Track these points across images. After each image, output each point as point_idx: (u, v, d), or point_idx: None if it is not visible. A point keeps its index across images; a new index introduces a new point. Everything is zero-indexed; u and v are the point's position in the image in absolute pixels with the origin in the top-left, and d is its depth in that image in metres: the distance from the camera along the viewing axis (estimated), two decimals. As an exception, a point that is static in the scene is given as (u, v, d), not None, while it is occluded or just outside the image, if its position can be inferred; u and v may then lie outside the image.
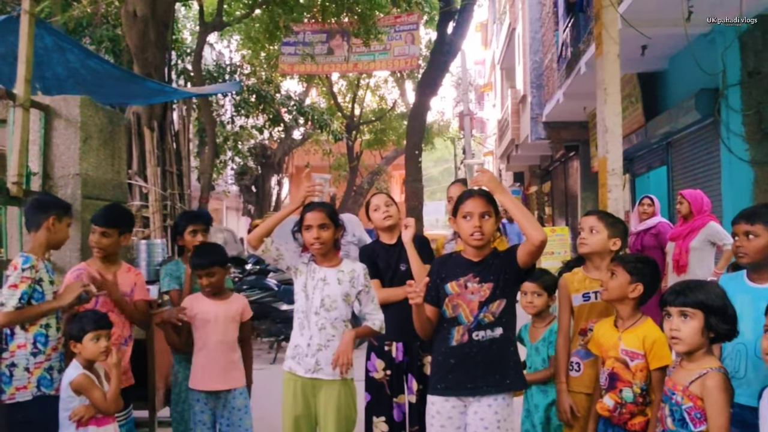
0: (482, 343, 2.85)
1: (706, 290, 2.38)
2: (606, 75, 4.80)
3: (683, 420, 2.32)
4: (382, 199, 3.95)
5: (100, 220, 3.57)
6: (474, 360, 2.84)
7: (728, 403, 2.25)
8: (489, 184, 2.85)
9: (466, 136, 19.69)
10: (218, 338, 3.66)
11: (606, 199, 4.90)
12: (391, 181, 31.62)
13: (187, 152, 10.92)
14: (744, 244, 2.68)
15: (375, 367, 3.80)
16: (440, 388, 2.92)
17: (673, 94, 10.30)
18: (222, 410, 3.68)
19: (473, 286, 2.88)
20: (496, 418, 2.83)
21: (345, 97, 24.45)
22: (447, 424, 2.88)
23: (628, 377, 2.80)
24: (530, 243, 2.77)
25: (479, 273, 2.89)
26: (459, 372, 2.86)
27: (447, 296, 2.91)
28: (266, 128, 19.49)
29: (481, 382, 2.84)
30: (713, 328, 2.32)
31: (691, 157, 9.91)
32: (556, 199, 20.12)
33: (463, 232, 2.91)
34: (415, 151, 11.03)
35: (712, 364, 2.32)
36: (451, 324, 2.90)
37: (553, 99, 14.33)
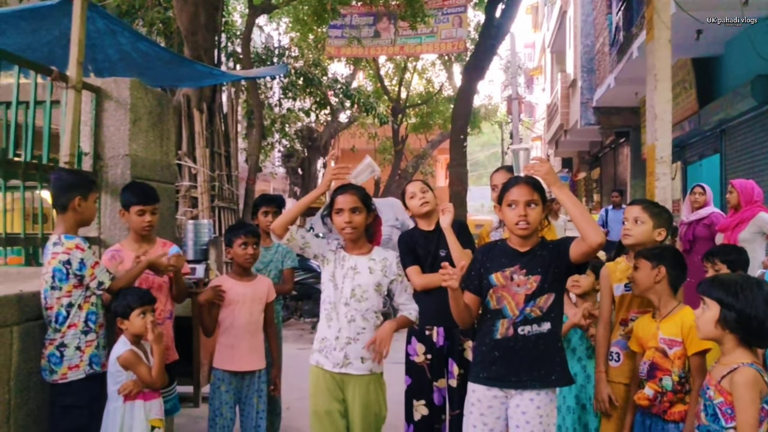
0: (528, 338, 2.77)
1: (731, 287, 2.31)
2: (657, 60, 4.66)
3: (715, 415, 2.29)
4: (417, 186, 3.91)
5: (146, 198, 3.58)
6: (519, 354, 2.77)
7: (756, 400, 2.20)
8: (546, 177, 2.71)
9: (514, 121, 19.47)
10: (245, 319, 3.72)
11: (653, 188, 4.79)
12: (436, 165, 31.45)
13: (235, 134, 11.07)
14: None
15: (416, 351, 3.78)
16: (482, 378, 2.86)
17: (728, 80, 9.98)
18: (246, 391, 3.73)
19: (519, 279, 2.79)
20: (539, 413, 2.76)
21: (392, 80, 24.36)
22: (487, 412, 2.83)
23: (667, 366, 2.81)
24: (587, 244, 2.65)
25: (526, 265, 2.80)
26: (502, 365, 2.80)
27: (491, 287, 2.83)
28: (313, 111, 19.59)
29: (525, 376, 2.77)
30: (728, 325, 2.28)
31: (745, 145, 9.60)
32: (605, 186, 19.76)
33: (508, 221, 2.84)
34: (460, 136, 10.93)
35: (745, 359, 2.27)
36: (496, 316, 2.82)
37: (604, 84, 14.05)
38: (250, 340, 3.74)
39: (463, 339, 3.76)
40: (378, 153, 26.19)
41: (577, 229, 2.66)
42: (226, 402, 3.69)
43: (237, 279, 3.79)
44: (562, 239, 2.87)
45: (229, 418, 3.69)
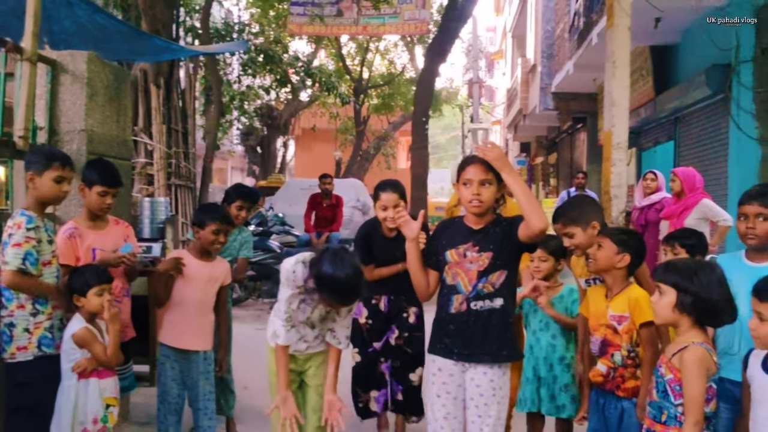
0: (480, 313, 2.84)
1: (686, 272, 2.38)
2: (615, 47, 4.74)
3: (666, 392, 2.37)
4: (391, 201, 3.89)
5: (111, 181, 3.47)
6: (471, 329, 2.85)
7: (702, 376, 2.27)
8: (496, 161, 2.76)
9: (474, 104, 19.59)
10: (197, 298, 3.66)
11: (609, 174, 4.90)
12: (398, 147, 31.47)
13: (192, 111, 10.89)
14: (756, 226, 2.64)
15: (360, 312, 4.06)
16: (438, 349, 2.95)
17: (684, 68, 10.19)
18: (191, 371, 3.69)
19: (472, 255, 2.86)
20: (492, 386, 2.86)
21: (354, 60, 24.23)
22: (448, 381, 2.92)
23: (617, 341, 2.91)
24: (530, 228, 2.72)
25: (479, 242, 2.87)
26: (457, 339, 2.89)
27: (447, 264, 2.91)
28: (273, 89, 19.38)
29: (477, 350, 2.86)
30: (685, 308, 2.34)
31: (699, 133, 9.84)
32: (562, 170, 20.06)
33: (463, 199, 2.90)
34: (422, 118, 10.95)
35: (696, 339, 2.34)
36: (451, 291, 2.89)
37: (563, 69, 14.19)
38: (199, 320, 3.69)
39: (408, 306, 4.10)
40: (339, 133, 26.09)
41: (523, 214, 2.72)
42: (172, 378, 3.66)
43: (196, 257, 3.75)
44: (515, 217, 2.92)
45: (176, 394, 3.68)
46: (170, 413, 3.68)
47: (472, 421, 2.89)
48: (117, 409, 3.25)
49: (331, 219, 9.60)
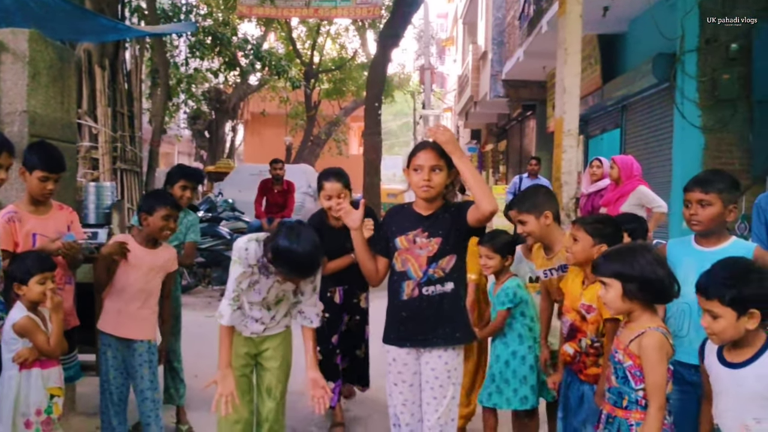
0: (432, 298, 2.87)
1: (623, 259, 2.42)
2: (567, 35, 4.80)
3: (626, 378, 2.41)
4: (335, 190, 3.93)
5: (53, 166, 3.32)
6: (424, 314, 2.88)
7: (663, 361, 2.33)
8: (446, 144, 2.76)
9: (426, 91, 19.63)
10: (139, 286, 3.55)
11: (560, 160, 4.97)
12: (350, 132, 31.35)
13: (139, 93, 10.60)
14: (698, 212, 2.71)
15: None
16: (393, 338, 2.98)
17: (631, 57, 10.40)
18: (132, 360, 3.59)
19: (422, 241, 2.88)
20: (446, 368, 2.90)
21: (304, 44, 23.96)
22: (404, 370, 2.96)
23: (585, 329, 2.96)
24: (480, 212, 2.75)
25: (428, 227, 2.89)
26: (410, 325, 2.91)
27: (396, 250, 2.93)
28: (221, 72, 19.02)
29: (431, 334, 2.89)
30: (633, 295, 2.38)
31: (644, 120, 10.07)
32: (511, 157, 20.31)
33: (413, 185, 2.91)
34: (374, 104, 10.91)
35: (651, 324, 2.39)
36: (402, 278, 2.91)
37: (513, 57, 14.32)
38: (140, 309, 3.58)
39: (360, 292, 4.26)
40: (290, 118, 25.82)
41: (473, 197, 2.76)
42: (114, 367, 3.56)
43: (141, 244, 3.63)
44: (463, 203, 2.96)
45: (120, 383, 3.58)
46: (112, 403, 3.58)
47: (427, 402, 2.92)
48: (62, 399, 3.15)
49: (282, 205, 9.49)
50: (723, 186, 2.69)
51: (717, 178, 2.74)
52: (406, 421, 2.98)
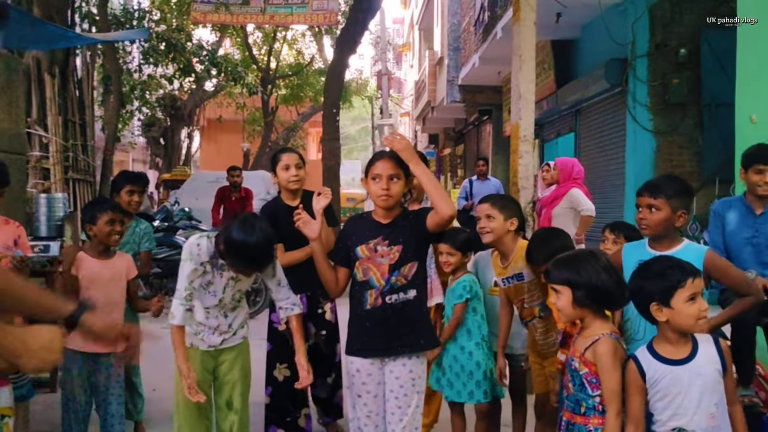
0: (395, 306, 2.87)
1: (571, 267, 2.45)
2: (522, 42, 4.86)
3: (582, 385, 2.43)
4: (293, 159, 3.92)
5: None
6: (389, 323, 2.87)
7: (618, 367, 2.35)
8: (403, 152, 2.78)
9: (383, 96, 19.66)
10: (103, 299, 3.45)
11: (517, 165, 5.03)
12: (308, 138, 31.22)
13: (91, 101, 10.37)
14: (646, 216, 2.77)
15: (279, 319, 3.90)
16: (357, 349, 2.96)
17: (584, 62, 10.60)
18: (99, 374, 3.52)
19: (383, 249, 2.89)
20: (411, 376, 2.90)
21: (260, 50, 23.79)
22: (368, 380, 2.93)
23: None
24: (439, 216, 2.78)
25: (388, 236, 2.90)
26: (374, 334, 2.90)
27: (358, 260, 2.92)
28: (176, 78, 18.75)
29: (396, 343, 2.89)
30: (583, 302, 2.41)
31: (598, 124, 10.27)
32: (469, 161, 20.48)
33: (372, 194, 2.92)
34: (332, 110, 10.89)
35: (604, 330, 2.41)
36: (364, 287, 2.90)
37: (469, 62, 14.47)
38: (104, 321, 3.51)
39: (323, 302, 4.03)
40: (247, 124, 25.60)
41: (431, 203, 2.80)
42: (79, 384, 3.47)
43: (95, 257, 3.54)
44: (421, 209, 3.00)
45: (83, 401, 3.49)
46: (76, 422, 3.49)
47: (392, 413, 2.91)
48: (12, 419, 3.03)
49: (241, 212, 9.37)
50: (671, 192, 2.74)
51: (666, 183, 2.80)
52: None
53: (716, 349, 2.28)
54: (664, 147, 8.49)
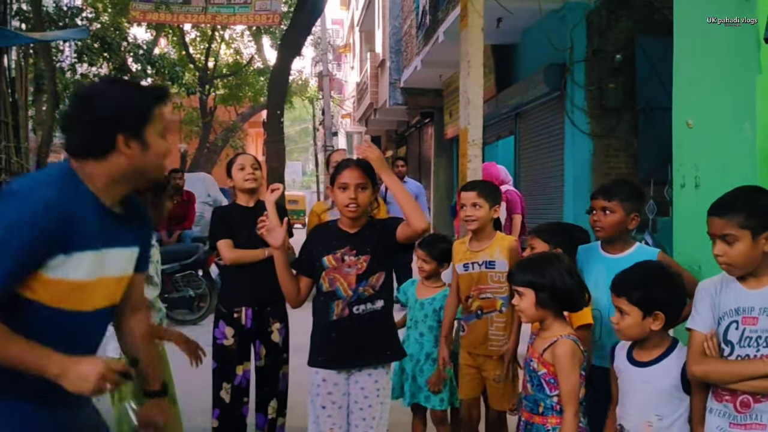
0: (363, 317, 2.85)
1: (535, 269, 2.51)
2: (470, 48, 4.94)
3: (541, 385, 2.50)
4: (249, 160, 3.86)
5: None
6: (356, 333, 2.85)
7: (576, 368, 2.43)
8: (375, 161, 2.78)
9: (325, 97, 19.61)
10: None
11: (466, 169, 5.12)
12: (248, 139, 30.77)
13: (24, 102, 10.01)
14: (601, 219, 2.84)
15: (224, 334, 3.74)
16: (322, 361, 2.91)
17: (523, 66, 10.85)
18: None
19: (350, 259, 2.85)
20: (376, 387, 2.89)
21: (198, 49, 23.37)
22: (334, 390, 2.90)
23: None
24: (412, 229, 2.77)
25: (356, 245, 2.87)
26: (341, 345, 2.86)
27: (324, 270, 2.87)
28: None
29: (363, 354, 2.87)
30: (545, 303, 2.48)
31: (537, 127, 10.53)
32: (411, 163, 20.61)
33: (338, 203, 2.88)
34: (276, 112, 10.81)
35: (563, 332, 2.49)
36: (330, 298, 2.86)
37: (411, 65, 14.59)
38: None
39: (272, 321, 3.79)
40: (184, 125, 25.09)
41: (404, 215, 2.77)
42: None
43: None
44: (390, 219, 3.01)
45: None
46: None
47: (356, 425, 2.89)
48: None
49: (183, 216, 9.18)
50: (625, 195, 2.84)
51: (620, 187, 2.89)
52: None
53: (682, 366, 2.28)
54: (601, 150, 8.79)
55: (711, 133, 4.72)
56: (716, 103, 4.67)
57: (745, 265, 2.11)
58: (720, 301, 2.18)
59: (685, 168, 5.03)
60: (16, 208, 1.69)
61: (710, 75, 4.69)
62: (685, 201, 5.06)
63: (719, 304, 2.18)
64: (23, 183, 1.79)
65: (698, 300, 2.25)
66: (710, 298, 2.21)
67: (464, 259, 3.44)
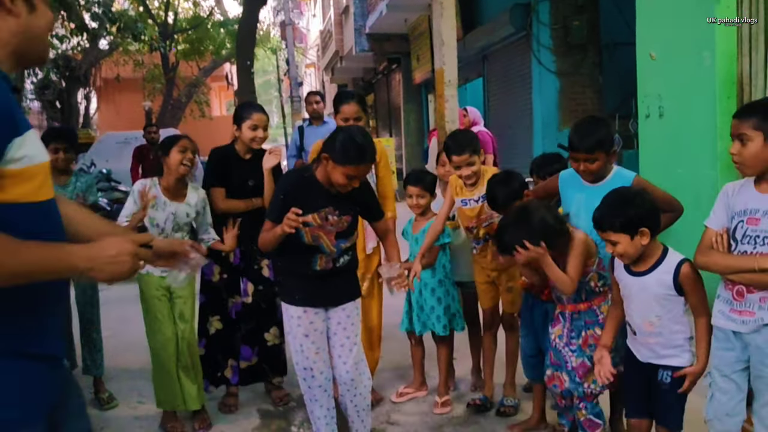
0: (342, 268, 3.12)
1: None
2: (441, -11, 5.09)
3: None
4: (263, 121, 3.88)
5: None
6: (336, 281, 3.13)
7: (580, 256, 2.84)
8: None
9: (289, 47, 19.42)
10: None
11: (443, 108, 5.31)
12: (211, 93, 30.39)
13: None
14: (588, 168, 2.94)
15: (212, 271, 3.92)
16: (300, 299, 3.12)
17: (489, 8, 10.93)
18: None
19: (333, 218, 3.02)
20: (350, 321, 3.20)
21: (155, 3, 22.84)
22: (315, 319, 3.13)
23: None
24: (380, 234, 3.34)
25: (338, 206, 3.02)
26: (322, 290, 3.12)
27: (307, 226, 2.97)
28: (71, 36, 17.80)
29: (340, 296, 3.17)
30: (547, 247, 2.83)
31: (505, 68, 10.69)
32: (380, 111, 20.67)
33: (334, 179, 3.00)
34: (246, 63, 10.80)
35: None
36: (313, 251, 3.01)
37: (376, 10, 14.48)
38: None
39: (260, 258, 3.96)
40: (146, 82, 24.68)
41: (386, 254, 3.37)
42: None
43: None
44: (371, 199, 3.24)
45: None
46: None
47: (341, 344, 3.17)
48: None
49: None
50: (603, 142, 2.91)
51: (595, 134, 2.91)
52: (320, 369, 3.13)
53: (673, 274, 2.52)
54: (568, 87, 9.02)
55: (673, 64, 5.00)
56: (677, 34, 4.94)
57: (754, 164, 2.31)
58: (734, 202, 2.44)
59: (650, 99, 5.34)
60: None
61: (672, 7, 4.93)
62: (650, 130, 5.39)
63: (733, 205, 2.44)
64: None
65: (717, 200, 2.52)
66: (726, 198, 2.47)
67: (461, 195, 3.67)
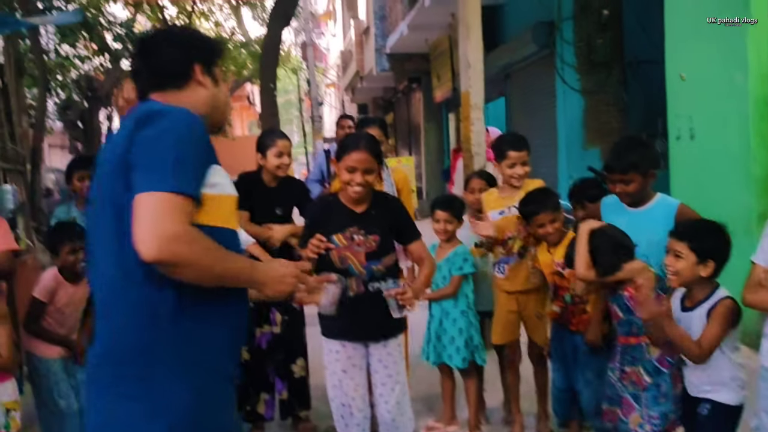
0: (376, 294, 2.98)
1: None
2: (468, 12, 5.05)
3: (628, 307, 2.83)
4: (287, 147, 3.90)
5: None
6: (371, 310, 2.98)
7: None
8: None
9: (309, 67, 19.53)
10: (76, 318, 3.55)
11: (469, 132, 5.25)
12: (232, 113, 30.62)
13: (14, 87, 9.95)
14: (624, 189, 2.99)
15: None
16: (338, 332, 3.07)
17: (511, 26, 10.87)
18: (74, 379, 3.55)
19: (359, 238, 2.98)
20: (392, 359, 3.09)
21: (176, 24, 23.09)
22: (353, 354, 3.08)
23: (565, 284, 3.31)
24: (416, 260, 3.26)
25: (363, 224, 3.00)
26: (358, 320, 3.00)
27: (334, 248, 2.98)
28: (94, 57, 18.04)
29: (377, 329, 3.04)
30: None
31: (528, 87, 10.59)
32: (400, 129, 20.68)
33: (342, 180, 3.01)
34: (269, 85, 10.85)
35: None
36: (343, 275, 2.92)
37: (396, 31, 14.51)
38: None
39: None
40: (168, 102, 24.88)
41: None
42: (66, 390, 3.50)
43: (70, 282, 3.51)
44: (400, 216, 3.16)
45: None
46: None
47: (383, 383, 3.08)
48: (19, 413, 3.09)
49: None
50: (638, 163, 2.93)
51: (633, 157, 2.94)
52: (359, 407, 3.07)
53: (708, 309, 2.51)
54: (592, 106, 8.88)
55: (704, 84, 4.91)
56: (708, 54, 4.85)
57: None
58: None
59: (681, 120, 5.24)
60: (179, 122, 1.67)
61: (701, 27, 4.85)
62: (681, 152, 5.29)
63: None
64: (164, 106, 1.76)
65: (764, 234, 2.51)
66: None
67: (498, 206, 3.64)
